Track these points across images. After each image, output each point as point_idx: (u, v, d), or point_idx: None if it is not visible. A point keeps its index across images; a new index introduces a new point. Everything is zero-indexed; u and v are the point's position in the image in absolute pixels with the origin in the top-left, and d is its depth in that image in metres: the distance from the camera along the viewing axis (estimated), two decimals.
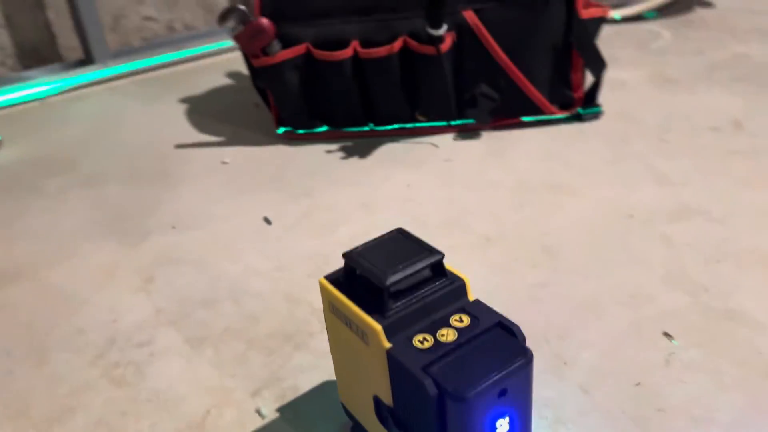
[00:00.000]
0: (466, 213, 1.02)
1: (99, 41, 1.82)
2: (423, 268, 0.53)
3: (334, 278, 0.57)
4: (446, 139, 1.25)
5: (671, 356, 0.72)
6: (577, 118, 1.26)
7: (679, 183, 1.04)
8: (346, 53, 1.17)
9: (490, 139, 1.24)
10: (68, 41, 1.93)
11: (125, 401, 0.73)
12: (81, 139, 1.42)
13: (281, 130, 1.30)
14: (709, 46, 1.58)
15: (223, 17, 1.15)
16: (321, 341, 0.78)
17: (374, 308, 0.53)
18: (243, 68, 1.71)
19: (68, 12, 1.85)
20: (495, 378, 0.48)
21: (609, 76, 1.43)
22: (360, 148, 1.25)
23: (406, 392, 0.51)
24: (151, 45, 1.95)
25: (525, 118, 1.26)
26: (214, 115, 1.47)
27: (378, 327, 0.51)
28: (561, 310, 0.80)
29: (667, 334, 0.74)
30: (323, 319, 0.79)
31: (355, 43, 1.17)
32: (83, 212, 1.12)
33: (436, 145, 1.23)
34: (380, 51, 1.16)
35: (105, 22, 1.90)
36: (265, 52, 1.18)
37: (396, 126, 1.27)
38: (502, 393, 0.49)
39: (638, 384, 0.69)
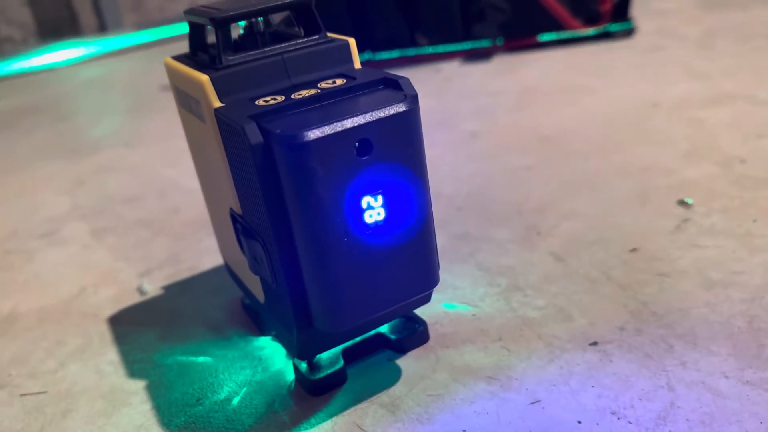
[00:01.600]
0: (455, 116, 0.85)
1: (113, 13, 1.78)
2: (279, 7, 0.38)
3: (182, 55, 0.43)
4: (451, 65, 1.09)
5: (685, 223, 0.52)
6: (606, 35, 1.08)
7: (720, 76, 0.84)
8: None
9: (502, 60, 1.07)
10: (89, 19, 1.91)
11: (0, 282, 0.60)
12: (71, 91, 1.34)
13: None
14: None
15: None
16: None
17: (209, 66, 0.37)
18: None
19: None
20: (349, 119, 0.31)
21: (648, 6, 1.25)
22: None
23: (239, 166, 0.35)
24: (170, 20, 1.89)
25: (544, 37, 1.08)
26: None
27: (203, 78, 0.36)
28: (546, 186, 0.62)
29: (682, 202, 0.55)
30: None
31: None
32: (44, 140, 1.02)
33: (439, 71, 1.07)
34: None
35: (126, 2, 1.86)
36: None
37: (396, 54, 1.12)
38: (365, 148, 0.32)
39: (634, 250, 0.50)
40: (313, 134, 0.31)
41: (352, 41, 0.39)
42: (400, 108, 0.33)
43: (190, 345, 0.47)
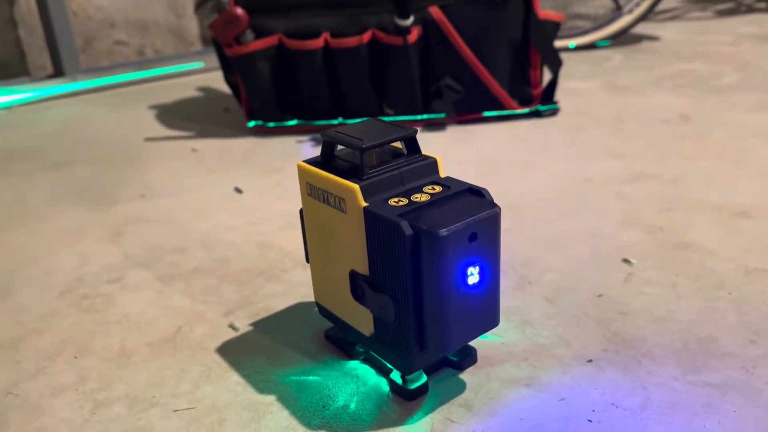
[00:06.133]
0: None
1: (71, 55, 1.85)
2: (397, 139, 0.56)
3: (311, 161, 0.60)
4: None
5: (630, 276, 0.75)
6: (536, 114, 1.33)
7: (633, 157, 1.10)
8: (318, 43, 1.22)
9: (455, 131, 1.29)
10: (37, 59, 1.96)
11: (93, 323, 0.73)
12: (49, 135, 1.43)
13: (252, 123, 1.33)
14: (657, 64, 1.69)
15: (199, 4, 1.20)
16: (293, 275, 0.79)
17: (351, 175, 0.55)
18: (212, 84, 1.76)
19: (39, 30, 1.89)
20: (466, 221, 0.50)
21: (565, 86, 1.52)
22: None
23: (382, 246, 0.53)
24: (121, 65, 1.99)
25: (487, 113, 1.32)
26: (183, 117, 1.50)
27: (355, 186, 0.53)
28: (524, 245, 0.83)
29: (626, 260, 0.78)
30: (296, 259, 0.81)
31: (326, 35, 1.23)
32: (49, 188, 1.12)
33: None
34: (350, 41, 1.22)
35: (76, 44, 1.93)
36: (238, 41, 1.23)
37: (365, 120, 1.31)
38: (473, 237, 0.51)
39: (600, 295, 0.71)
40: (447, 230, 0.49)
41: (438, 159, 0.58)
42: (492, 212, 0.52)
43: (297, 368, 0.63)
